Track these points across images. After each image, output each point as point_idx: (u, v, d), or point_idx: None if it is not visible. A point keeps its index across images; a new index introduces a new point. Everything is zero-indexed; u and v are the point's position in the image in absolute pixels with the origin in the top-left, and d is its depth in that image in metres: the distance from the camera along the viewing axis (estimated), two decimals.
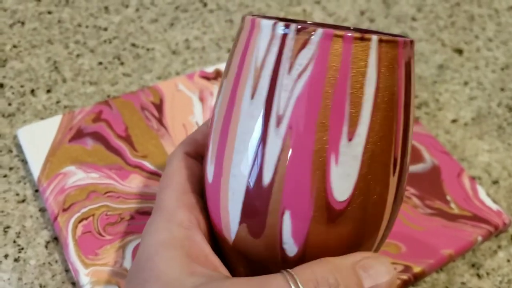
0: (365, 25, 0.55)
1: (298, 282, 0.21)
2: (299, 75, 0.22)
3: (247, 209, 0.24)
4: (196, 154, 0.29)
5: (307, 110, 0.22)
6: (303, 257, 0.24)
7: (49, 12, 0.52)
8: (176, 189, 0.27)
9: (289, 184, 0.23)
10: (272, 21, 0.23)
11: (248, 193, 0.23)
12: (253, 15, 0.25)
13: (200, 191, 0.28)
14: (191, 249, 0.24)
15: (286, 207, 0.23)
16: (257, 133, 0.23)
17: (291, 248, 0.24)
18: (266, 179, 0.23)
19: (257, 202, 0.23)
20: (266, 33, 0.23)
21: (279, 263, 0.24)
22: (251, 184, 0.23)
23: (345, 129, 0.22)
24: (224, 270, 0.25)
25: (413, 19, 0.56)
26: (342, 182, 0.23)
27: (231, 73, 0.25)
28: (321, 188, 0.23)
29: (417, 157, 0.42)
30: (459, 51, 0.54)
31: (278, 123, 0.22)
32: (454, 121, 0.47)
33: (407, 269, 0.35)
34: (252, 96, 0.23)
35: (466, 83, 0.51)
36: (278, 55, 0.22)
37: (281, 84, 0.22)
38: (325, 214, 0.23)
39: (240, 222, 0.24)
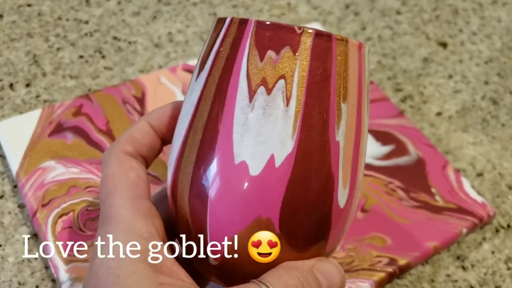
0: (350, 18, 0.54)
1: None
2: None
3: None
4: (136, 153, 0.26)
5: None
6: None
7: (29, 5, 0.51)
8: (127, 195, 0.24)
9: None
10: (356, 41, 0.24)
11: None
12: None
13: (150, 196, 0.26)
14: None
15: None
16: None
17: None
18: None
19: None
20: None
21: None
22: None
23: None
24: (190, 280, 0.24)
25: (398, 12, 0.56)
26: None
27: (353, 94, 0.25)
28: None
29: (402, 150, 0.42)
30: (444, 45, 0.54)
31: None
32: (438, 114, 0.47)
33: (392, 261, 0.35)
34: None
35: (450, 77, 0.51)
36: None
37: None
38: None
39: None
